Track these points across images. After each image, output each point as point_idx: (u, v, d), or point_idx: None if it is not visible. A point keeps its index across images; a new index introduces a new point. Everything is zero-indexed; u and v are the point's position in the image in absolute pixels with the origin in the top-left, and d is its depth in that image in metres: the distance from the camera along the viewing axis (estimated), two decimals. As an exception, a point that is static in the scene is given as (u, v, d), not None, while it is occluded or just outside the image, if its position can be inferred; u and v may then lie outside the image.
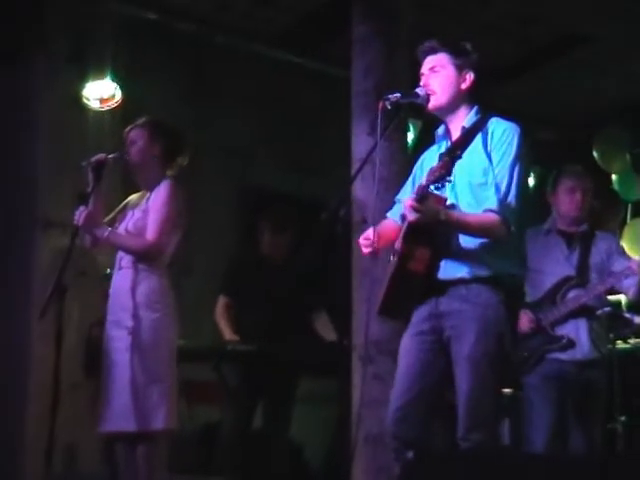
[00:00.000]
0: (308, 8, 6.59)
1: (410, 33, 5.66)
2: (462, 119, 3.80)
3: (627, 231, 7.53)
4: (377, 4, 5.63)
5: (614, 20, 6.58)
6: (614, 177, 8.00)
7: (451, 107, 3.81)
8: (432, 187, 3.50)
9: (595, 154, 7.88)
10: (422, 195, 3.49)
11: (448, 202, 3.61)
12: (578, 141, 8.10)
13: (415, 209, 3.49)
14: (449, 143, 3.80)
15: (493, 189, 3.61)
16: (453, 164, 3.40)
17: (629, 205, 7.90)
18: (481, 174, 3.65)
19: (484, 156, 3.67)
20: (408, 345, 3.76)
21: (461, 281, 3.63)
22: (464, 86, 3.80)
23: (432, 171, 3.46)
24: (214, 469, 5.80)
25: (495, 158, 3.65)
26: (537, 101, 7.99)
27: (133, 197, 4.67)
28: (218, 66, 7.09)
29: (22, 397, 5.34)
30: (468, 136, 3.69)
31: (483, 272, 3.62)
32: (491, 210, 3.59)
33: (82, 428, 4.91)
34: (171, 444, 4.50)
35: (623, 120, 7.83)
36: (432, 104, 3.79)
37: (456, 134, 3.79)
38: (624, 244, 5.86)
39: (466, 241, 3.65)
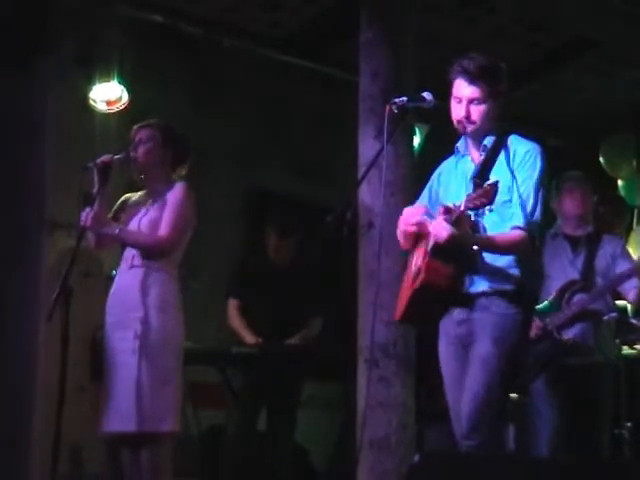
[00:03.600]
0: (315, 12, 6.60)
1: (417, 37, 5.67)
2: (482, 135, 3.85)
3: (633, 237, 7.50)
4: (384, 8, 5.63)
5: (620, 25, 6.57)
6: (620, 183, 7.99)
7: (483, 131, 3.85)
8: (471, 213, 3.60)
9: (601, 160, 7.86)
10: (457, 219, 3.56)
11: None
12: (584, 147, 8.09)
13: (450, 235, 3.56)
14: (471, 161, 3.87)
15: (518, 207, 3.68)
16: (495, 192, 3.46)
17: (635, 210, 7.88)
18: (506, 191, 3.69)
19: (508, 174, 3.72)
20: (444, 355, 3.87)
21: (483, 294, 3.73)
22: (497, 112, 3.84)
23: (471, 198, 3.51)
24: (219, 472, 5.81)
25: (520, 177, 3.71)
26: (543, 107, 8.00)
27: (131, 196, 4.68)
28: (225, 69, 7.10)
29: (28, 398, 5.34)
30: (492, 156, 3.78)
31: (504, 286, 3.72)
32: (518, 227, 3.67)
33: (88, 430, 4.90)
34: (175, 447, 4.49)
35: (630, 125, 7.82)
36: (469, 130, 3.81)
37: (475, 150, 3.86)
38: (630, 250, 5.84)
39: (489, 257, 3.73)
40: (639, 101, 7.75)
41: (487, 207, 3.53)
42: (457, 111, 3.81)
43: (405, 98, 3.84)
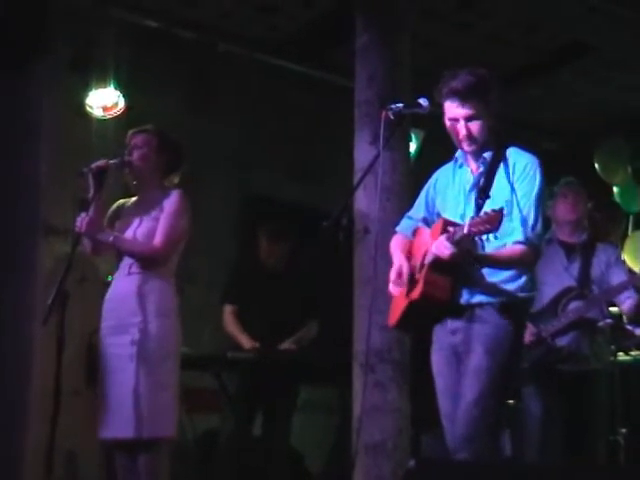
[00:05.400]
0: (311, 17, 6.60)
1: (413, 42, 5.67)
2: (481, 148, 3.85)
3: (628, 243, 7.52)
4: (380, 13, 5.64)
5: (616, 29, 6.58)
6: (615, 189, 8.00)
7: (483, 145, 3.85)
8: (475, 237, 3.60)
9: (596, 166, 7.88)
10: (459, 240, 3.56)
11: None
12: (579, 152, 8.11)
13: (451, 255, 3.57)
14: (470, 172, 3.87)
15: (518, 221, 3.68)
16: (501, 220, 3.45)
17: (630, 217, 7.90)
18: (504, 205, 3.66)
19: (508, 187, 3.73)
20: (437, 364, 3.87)
21: (478, 305, 3.75)
22: (493, 121, 3.84)
23: (475, 223, 3.50)
24: (214, 477, 5.80)
25: (520, 191, 3.72)
26: (539, 111, 8.01)
27: (125, 202, 4.66)
28: (220, 74, 7.10)
29: (23, 404, 5.34)
30: (491, 170, 3.78)
31: (499, 298, 3.74)
32: (519, 242, 3.67)
33: (82, 435, 4.90)
34: (170, 451, 4.49)
35: (625, 130, 7.83)
36: (472, 149, 3.82)
37: (474, 161, 3.86)
38: (625, 256, 5.86)
39: (485, 270, 3.75)
40: (635, 106, 7.75)
41: (494, 235, 3.54)
42: (457, 131, 3.80)
43: (401, 104, 3.85)
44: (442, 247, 3.60)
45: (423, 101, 3.86)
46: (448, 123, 3.82)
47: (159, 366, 4.29)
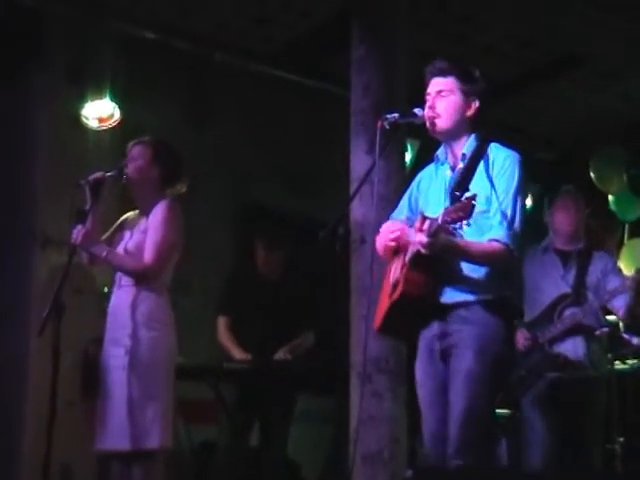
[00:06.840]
0: (307, 26, 6.61)
1: (409, 53, 5.69)
2: (462, 145, 3.82)
3: (624, 251, 7.53)
4: (376, 24, 5.66)
5: (609, 40, 6.60)
6: (611, 197, 8.01)
7: (454, 132, 3.82)
8: (449, 226, 3.54)
9: (592, 175, 7.88)
10: (435, 231, 3.51)
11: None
12: (575, 161, 8.12)
13: (428, 245, 3.51)
14: (450, 169, 3.84)
15: (497, 217, 3.64)
16: (473, 207, 3.40)
17: (626, 225, 7.91)
18: (484, 202, 3.65)
19: (487, 184, 3.69)
20: (422, 372, 3.80)
21: (462, 304, 3.68)
22: (469, 113, 3.81)
23: (448, 212, 3.47)
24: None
25: (499, 186, 3.68)
26: (535, 120, 8.02)
27: (129, 215, 4.67)
28: (216, 84, 7.11)
29: (19, 415, 5.33)
30: (471, 165, 3.74)
31: (483, 296, 3.67)
32: (496, 240, 3.62)
33: (78, 447, 4.88)
34: (168, 463, 4.47)
35: (620, 140, 7.85)
36: (436, 127, 3.79)
37: (454, 158, 3.83)
38: (621, 264, 5.87)
39: (468, 268, 3.69)
40: (630, 115, 7.77)
41: (464, 222, 3.46)
42: (426, 106, 3.81)
43: (397, 114, 3.84)
44: (419, 239, 3.54)
45: (418, 111, 3.83)
46: (426, 102, 3.81)
47: (151, 376, 4.29)
